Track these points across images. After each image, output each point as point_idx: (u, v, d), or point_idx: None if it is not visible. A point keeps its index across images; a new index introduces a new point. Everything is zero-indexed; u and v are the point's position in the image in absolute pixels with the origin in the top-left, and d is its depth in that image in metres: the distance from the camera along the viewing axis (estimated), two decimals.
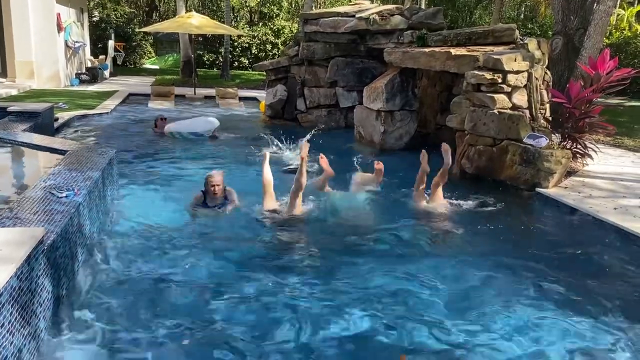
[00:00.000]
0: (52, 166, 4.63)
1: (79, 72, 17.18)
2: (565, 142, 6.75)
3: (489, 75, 6.30)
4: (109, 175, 5.02)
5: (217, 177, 5.06)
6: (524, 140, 6.07)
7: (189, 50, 18.83)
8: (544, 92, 7.18)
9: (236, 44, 24.12)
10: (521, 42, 7.14)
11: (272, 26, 25.13)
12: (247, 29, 24.77)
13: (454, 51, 7.18)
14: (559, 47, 10.53)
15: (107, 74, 18.59)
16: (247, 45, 24.53)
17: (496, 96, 6.32)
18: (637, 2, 22.78)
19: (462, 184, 6.41)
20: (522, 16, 27.59)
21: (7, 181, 5.11)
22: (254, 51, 24.59)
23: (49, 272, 2.94)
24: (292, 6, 27.91)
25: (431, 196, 5.47)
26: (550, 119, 7.18)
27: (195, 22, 14.95)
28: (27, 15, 14.05)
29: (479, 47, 7.34)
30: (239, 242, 4.55)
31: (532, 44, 7.09)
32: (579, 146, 6.81)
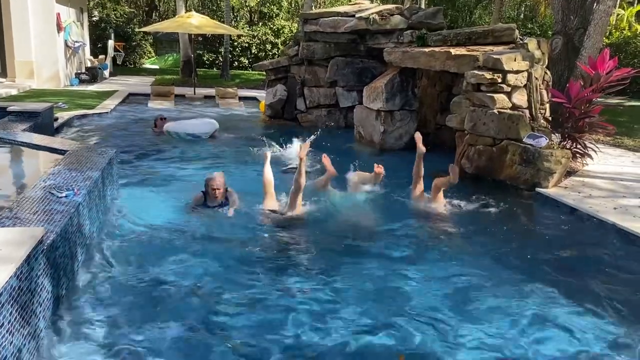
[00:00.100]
0: (51, 166, 4.63)
1: (79, 72, 17.18)
2: (565, 142, 6.75)
3: (488, 75, 6.31)
4: (108, 175, 5.01)
5: (218, 179, 5.03)
6: (523, 140, 6.07)
7: (189, 50, 18.82)
8: (544, 92, 7.19)
9: (236, 43, 24.12)
10: (521, 41, 7.15)
11: (272, 26, 25.14)
12: (247, 28, 24.77)
13: (454, 51, 7.18)
14: (558, 47, 10.53)
15: (106, 73, 18.58)
16: (247, 45, 24.53)
17: (496, 96, 6.32)
18: (636, 2, 22.79)
19: (462, 184, 6.39)
20: (522, 16, 27.60)
21: (7, 181, 5.10)
22: (253, 51, 24.60)
23: (48, 272, 2.94)
24: (292, 6, 27.90)
25: (431, 196, 5.47)
26: (550, 118, 7.18)
27: (195, 21, 14.94)
28: (26, 15, 14.05)
29: (479, 46, 7.34)
30: (239, 242, 4.54)
31: (531, 43, 7.09)
32: (578, 146, 6.82)
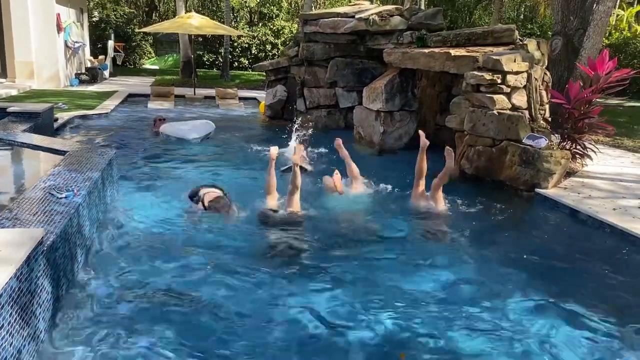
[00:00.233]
0: (51, 167, 4.63)
1: (79, 72, 17.19)
2: (564, 143, 6.76)
3: (488, 75, 6.31)
4: (108, 175, 5.02)
5: (220, 204, 4.94)
6: (523, 140, 6.07)
7: (189, 50, 18.83)
8: (544, 93, 7.19)
9: (236, 44, 24.14)
10: (520, 42, 7.15)
11: (271, 26, 25.15)
12: (247, 29, 24.79)
13: (454, 52, 7.19)
14: (558, 48, 10.53)
15: (106, 74, 18.59)
16: (246, 45, 24.55)
17: (495, 97, 6.33)
18: (636, 3, 22.81)
19: (461, 185, 6.42)
20: (521, 17, 27.64)
21: (7, 182, 5.11)
22: (253, 51, 24.61)
23: (48, 273, 2.95)
24: (292, 7, 27.94)
25: (431, 196, 5.47)
26: (549, 119, 7.18)
27: (195, 22, 14.94)
28: (26, 15, 14.05)
29: (479, 47, 7.34)
30: (239, 242, 4.55)
31: (531, 44, 7.10)
32: (578, 147, 6.82)
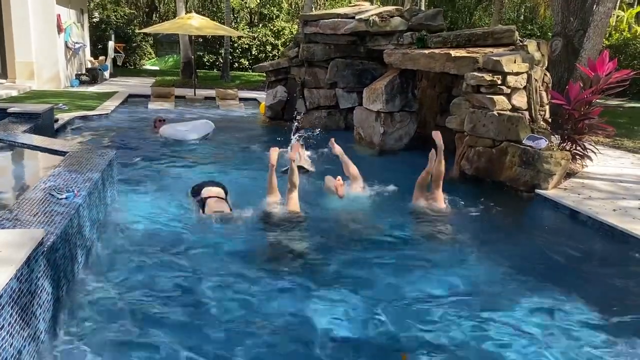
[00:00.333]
0: (52, 167, 4.63)
1: (79, 73, 17.20)
2: (564, 144, 6.76)
3: (488, 76, 6.31)
4: (109, 176, 5.02)
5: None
6: (523, 141, 6.07)
7: (189, 51, 18.84)
8: (544, 94, 7.19)
9: (236, 45, 24.14)
10: (521, 43, 7.15)
11: (272, 27, 25.16)
12: (247, 30, 24.80)
13: (454, 53, 7.19)
14: (558, 49, 10.54)
15: (107, 75, 18.59)
16: (247, 46, 24.55)
17: (496, 97, 6.33)
18: (636, 3, 22.83)
19: (461, 186, 6.42)
20: (521, 17, 27.66)
21: (7, 182, 5.12)
22: (254, 52, 24.62)
23: (48, 274, 2.95)
24: (292, 7, 27.96)
25: (431, 197, 5.47)
26: (549, 120, 7.18)
27: (195, 23, 14.95)
28: (27, 16, 14.05)
29: (479, 48, 7.35)
30: (239, 242, 4.55)
31: (531, 45, 7.10)
32: (578, 147, 6.82)
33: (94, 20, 23.96)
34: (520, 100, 6.49)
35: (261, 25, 25.49)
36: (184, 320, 3.27)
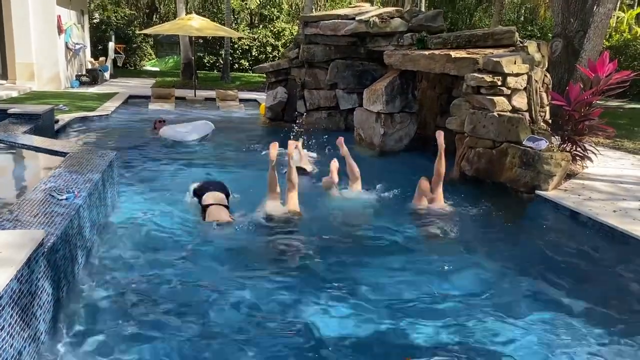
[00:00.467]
0: (52, 168, 4.63)
1: (79, 74, 17.21)
2: (565, 145, 6.75)
3: (488, 77, 6.31)
4: (109, 177, 5.02)
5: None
6: (523, 142, 6.07)
7: (190, 52, 18.86)
8: (544, 95, 7.19)
9: (236, 46, 24.17)
10: (521, 44, 7.15)
11: (272, 28, 25.20)
12: (248, 31, 24.83)
13: (454, 54, 7.19)
14: (558, 50, 10.54)
15: (107, 75, 18.61)
16: (247, 47, 24.58)
17: (496, 99, 6.33)
18: (636, 4, 22.84)
19: (461, 187, 6.42)
20: (522, 19, 27.67)
21: (8, 183, 5.11)
22: (254, 53, 24.65)
23: (49, 275, 2.95)
24: (293, 8, 27.98)
25: (431, 198, 5.47)
26: (550, 121, 7.18)
27: (195, 24, 14.96)
28: (27, 17, 14.07)
29: (479, 49, 7.35)
30: (239, 242, 4.55)
31: (531, 46, 7.10)
32: (578, 149, 6.82)
33: (95, 21, 24.00)
34: (520, 101, 6.49)
35: (261, 26, 25.53)
36: (184, 320, 3.27)
